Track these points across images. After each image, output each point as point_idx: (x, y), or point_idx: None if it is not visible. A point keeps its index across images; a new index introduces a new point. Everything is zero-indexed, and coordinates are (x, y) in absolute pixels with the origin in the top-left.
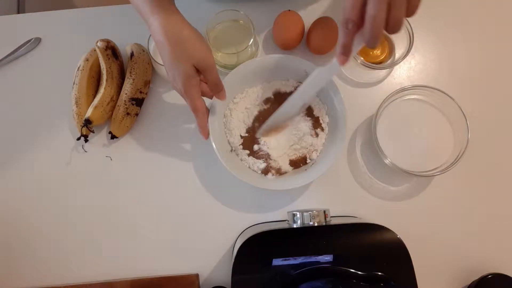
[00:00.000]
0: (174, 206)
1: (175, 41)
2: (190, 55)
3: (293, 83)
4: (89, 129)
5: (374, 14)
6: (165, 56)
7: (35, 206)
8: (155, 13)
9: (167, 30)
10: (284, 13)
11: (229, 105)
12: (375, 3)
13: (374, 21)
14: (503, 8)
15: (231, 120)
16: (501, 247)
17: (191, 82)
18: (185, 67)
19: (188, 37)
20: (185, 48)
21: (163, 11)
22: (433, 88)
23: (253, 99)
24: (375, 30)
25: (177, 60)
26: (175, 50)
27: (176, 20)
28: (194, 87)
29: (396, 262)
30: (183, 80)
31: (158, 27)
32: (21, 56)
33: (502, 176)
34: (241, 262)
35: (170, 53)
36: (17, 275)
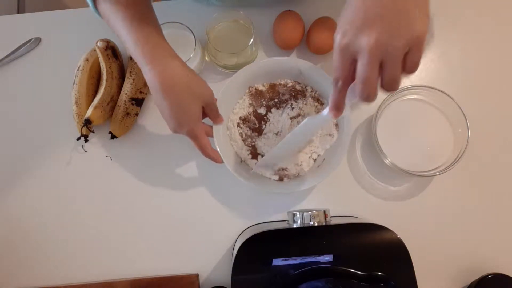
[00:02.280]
0: (174, 206)
1: (180, 88)
2: (200, 96)
3: (286, 81)
4: (89, 129)
5: (364, 76)
6: (166, 105)
7: (35, 206)
8: (149, 62)
9: (168, 81)
10: (284, 13)
11: (230, 116)
12: (365, 64)
13: (365, 83)
14: (502, 8)
15: (234, 132)
16: (501, 247)
17: (199, 120)
18: (195, 109)
19: (193, 79)
20: (194, 91)
21: (158, 60)
22: (433, 88)
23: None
24: (367, 91)
25: (185, 105)
26: (182, 97)
27: (174, 67)
28: (201, 126)
29: (396, 262)
30: (193, 122)
31: (157, 78)
32: (21, 56)
33: (502, 176)
34: (241, 262)
35: (175, 100)
36: (17, 275)
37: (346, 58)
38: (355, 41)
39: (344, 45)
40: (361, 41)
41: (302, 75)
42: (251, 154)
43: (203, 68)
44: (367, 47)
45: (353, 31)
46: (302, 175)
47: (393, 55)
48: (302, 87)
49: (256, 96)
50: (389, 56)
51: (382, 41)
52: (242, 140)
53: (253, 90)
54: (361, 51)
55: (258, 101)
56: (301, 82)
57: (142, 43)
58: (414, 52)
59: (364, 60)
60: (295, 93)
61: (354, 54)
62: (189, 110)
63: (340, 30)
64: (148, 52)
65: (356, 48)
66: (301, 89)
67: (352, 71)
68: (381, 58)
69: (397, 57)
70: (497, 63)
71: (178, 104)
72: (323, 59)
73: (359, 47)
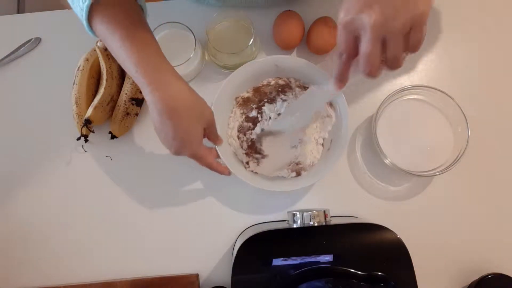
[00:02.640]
0: (174, 206)
1: (182, 110)
2: (203, 118)
3: (268, 80)
4: (89, 129)
5: (367, 52)
6: (169, 127)
7: (35, 206)
8: (151, 84)
9: (171, 103)
10: (284, 13)
11: (228, 132)
12: (367, 40)
13: (368, 59)
14: (503, 8)
15: (237, 146)
16: (501, 247)
17: (201, 142)
18: (198, 131)
19: (196, 101)
20: (198, 113)
21: (160, 82)
22: (433, 88)
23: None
24: (369, 67)
25: (189, 127)
26: (186, 119)
27: (177, 89)
28: (203, 147)
29: (396, 262)
30: (196, 144)
31: (159, 101)
32: (21, 56)
33: (502, 176)
34: (241, 262)
35: (180, 122)
36: (17, 275)
37: (349, 34)
38: (358, 18)
39: (347, 22)
40: (363, 18)
41: (280, 69)
42: (257, 160)
43: (203, 68)
44: (368, 25)
45: (355, 8)
46: (316, 163)
47: (394, 33)
48: (285, 81)
49: (245, 103)
50: (391, 34)
51: (384, 19)
52: (245, 152)
53: (240, 100)
54: (363, 28)
55: (248, 107)
56: (282, 77)
57: (143, 65)
58: (416, 31)
59: (366, 37)
60: (281, 88)
61: (357, 31)
62: (193, 132)
63: (343, 7)
64: (149, 74)
65: (359, 25)
66: (285, 83)
67: (355, 47)
68: (383, 36)
69: (398, 35)
70: (497, 63)
71: (181, 126)
72: (323, 59)
73: (361, 24)
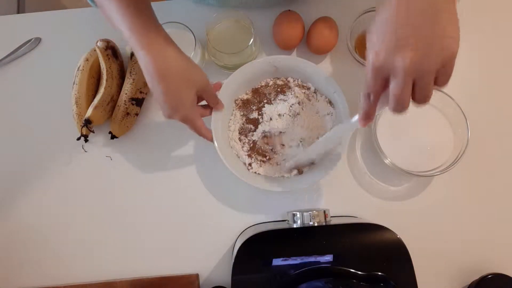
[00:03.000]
0: (174, 206)
1: (174, 73)
2: (194, 83)
3: (267, 81)
4: (89, 129)
5: (398, 94)
6: (160, 91)
7: (34, 206)
8: (144, 47)
9: (163, 66)
10: (284, 13)
11: (229, 135)
12: (399, 83)
13: (399, 100)
14: (503, 8)
15: (239, 148)
16: (501, 247)
17: (193, 106)
18: (189, 95)
19: (188, 66)
20: (188, 78)
21: (153, 46)
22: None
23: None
24: (400, 107)
25: (180, 91)
26: (177, 82)
27: (170, 52)
28: (195, 110)
29: (396, 262)
30: (188, 107)
31: (151, 64)
32: (21, 56)
33: (502, 176)
34: (241, 262)
35: (169, 86)
36: (17, 275)
37: (379, 77)
38: (389, 61)
39: (378, 65)
40: (396, 62)
41: (278, 70)
42: (261, 161)
43: (203, 68)
44: (402, 68)
45: (387, 52)
46: (317, 163)
47: (426, 74)
48: (283, 81)
49: (244, 105)
50: (423, 75)
51: (417, 62)
52: (247, 154)
53: (239, 102)
54: (396, 71)
55: (248, 108)
56: (280, 77)
57: (138, 28)
58: (447, 68)
59: (398, 80)
60: (280, 88)
61: (387, 73)
62: (184, 96)
63: (372, 50)
64: (143, 37)
65: (390, 68)
66: (283, 83)
67: (383, 85)
68: (415, 78)
69: (431, 76)
70: (498, 63)
71: (173, 89)
72: (323, 59)
73: (393, 67)
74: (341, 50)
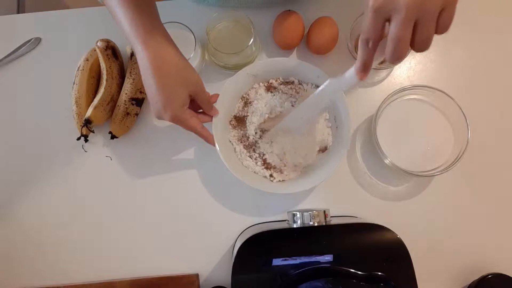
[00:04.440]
0: (174, 206)
1: (170, 70)
2: (188, 83)
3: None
4: (89, 129)
5: (399, 36)
6: (152, 86)
7: (34, 206)
8: (143, 42)
9: (159, 62)
10: (284, 13)
11: (229, 138)
12: (400, 23)
13: (398, 43)
14: (503, 8)
15: (240, 149)
16: (501, 247)
17: (184, 107)
18: (182, 94)
19: (184, 66)
20: (183, 77)
21: (152, 42)
22: (433, 88)
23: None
24: (399, 52)
25: (172, 88)
26: (170, 80)
27: (167, 51)
28: (187, 110)
29: (396, 262)
30: (178, 107)
31: (148, 59)
32: (21, 56)
33: (502, 176)
34: (241, 262)
35: (163, 82)
36: (17, 275)
37: (379, 19)
38: (391, 1)
39: (379, 5)
40: (398, 0)
41: (258, 76)
42: (264, 165)
43: (203, 68)
44: (404, 6)
45: None
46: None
47: (429, 14)
48: (266, 84)
49: (238, 123)
50: (425, 15)
51: (419, 0)
52: (263, 167)
53: (234, 122)
54: (397, 10)
55: (243, 123)
56: (263, 81)
57: (139, 24)
58: (448, 11)
59: (399, 20)
60: (267, 90)
61: (388, 14)
62: (176, 94)
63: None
64: (143, 33)
65: (391, 8)
66: (268, 85)
67: (383, 30)
68: (416, 18)
69: (433, 16)
70: (498, 63)
71: (166, 86)
72: (323, 59)
73: (395, 6)
74: (341, 50)
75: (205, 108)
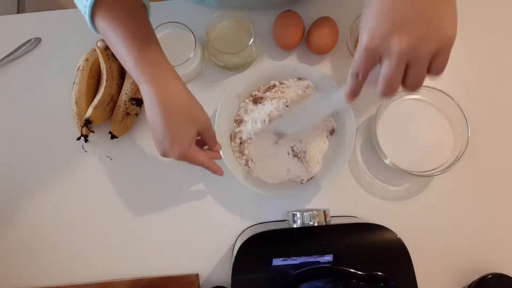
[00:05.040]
0: (174, 206)
1: (177, 108)
2: (197, 121)
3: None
4: (89, 129)
5: (390, 77)
6: (160, 125)
7: (35, 206)
8: (149, 79)
9: (166, 101)
10: (284, 13)
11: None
12: (392, 65)
13: (389, 83)
14: (503, 8)
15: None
16: (501, 247)
17: (192, 144)
18: (190, 133)
19: (192, 104)
20: (191, 115)
21: (158, 80)
22: (433, 88)
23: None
24: (389, 91)
25: (181, 127)
26: (179, 119)
27: (173, 88)
28: (194, 147)
29: (396, 262)
30: (186, 145)
31: (155, 97)
32: (21, 56)
33: (502, 176)
34: (241, 262)
35: (171, 120)
36: (17, 275)
37: (371, 58)
38: (384, 44)
39: (372, 47)
40: (391, 44)
41: (241, 96)
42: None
43: (203, 68)
44: (397, 51)
45: (382, 34)
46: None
47: (421, 59)
48: (252, 96)
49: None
50: (418, 59)
51: (413, 46)
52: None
53: (237, 140)
54: (390, 54)
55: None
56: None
57: (142, 63)
58: (442, 56)
59: (391, 62)
60: (255, 101)
61: (380, 54)
62: (184, 132)
63: (367, 28)
64: (148, 71)
65: (384, 51)
66: (255, 96)
67: (372, 66)
68: (408, 61)
69: (425, 60)
70: (498, 63)
71: (174, 124)
72: (323, 59)
73: (388, 49)
74: (341, 50)
75: (210, 143)
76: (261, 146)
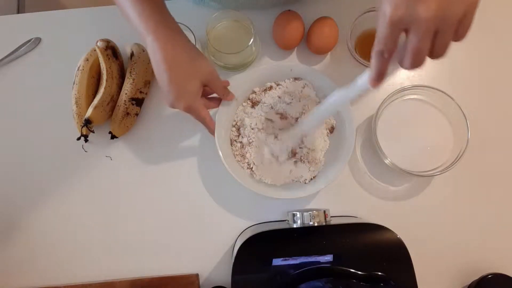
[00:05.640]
0: (174, 206)
1: (181, 62)
2: (200, 73)
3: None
4: (89, 129)
5: (419, 47)
6: (164, 78)
7: (35, 206)
8: (153, 33)
9: (170, 53)
10: (284, 13)
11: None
12: (421, 35)
13: (418, 54)
14: (503, 8)
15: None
16: (501, 247)
17: (197, 97)
18: (195, 85)
19: (196, 56)
20: (195, 67)
21: (162, 33)
22: (433, 88)
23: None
24: (418, 62)
25: (185, 80)
26: (183, 70)
27: (178, 41)
28: (200, 100)
29: (396, 262)
30: (192, 97)
31: (158, 50)
32: (21, 56)
33: (502, 176)
34: (241, 262)
35: (175, 74)
36: (17, 275)
37: (397, 31)
38: (410, 13)
39: (397, 18)
40: (419, 12)
41: (238, 101)
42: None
43: None
44: (425, 19)
45: (407, 2)
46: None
47: (450, 24)
48: (250, 100)
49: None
50: (446, 25)
51: (441, 12)
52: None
53: (237, 145)
54: (417, 22)
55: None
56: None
57: (147, 15)
58: (467, 19)
59: (419, 32)
60: (252, 104)
61: (406, 25)
62: (189, 85)
63: (389, 2)
64: (152, 24)
65: (410, 20)
66: (251, 101)
67: (398, 41)
68: (436, 28)
69: (453, 25)
70: (498, 63)
71: (178, 78)
72: (323, 59)
73: (415, 18)
74: (341, 50)
75: (221, 94)
76: (263, 148)
